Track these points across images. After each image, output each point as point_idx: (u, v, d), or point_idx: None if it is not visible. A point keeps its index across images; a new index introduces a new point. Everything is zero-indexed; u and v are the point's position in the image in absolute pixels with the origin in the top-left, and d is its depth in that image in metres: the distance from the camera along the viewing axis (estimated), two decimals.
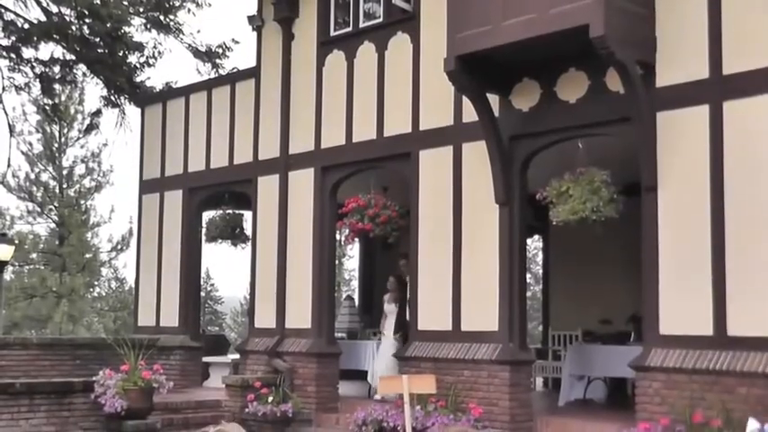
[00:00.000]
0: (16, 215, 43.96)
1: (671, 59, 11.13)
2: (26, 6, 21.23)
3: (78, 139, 43.75)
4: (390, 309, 15.56)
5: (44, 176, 43.97)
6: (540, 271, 27.82)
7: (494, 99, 12.58)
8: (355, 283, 34.58)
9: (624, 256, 15.76)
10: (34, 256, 44.16)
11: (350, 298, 20.99)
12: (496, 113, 12.54)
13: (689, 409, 10.16)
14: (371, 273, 21.15)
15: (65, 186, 44.35)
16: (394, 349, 14.81)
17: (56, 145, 43.86)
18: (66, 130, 43.48)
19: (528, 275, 14.13)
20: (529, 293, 12.74)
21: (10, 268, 35.95)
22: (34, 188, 43.83)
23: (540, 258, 29.56)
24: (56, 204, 44.06)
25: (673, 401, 10.50)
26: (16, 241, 32.11)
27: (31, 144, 43.18)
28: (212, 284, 52.20)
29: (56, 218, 44.26)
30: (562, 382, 15.01)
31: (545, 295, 20.95)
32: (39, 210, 44.16)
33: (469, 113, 12.80)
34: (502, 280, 12.52)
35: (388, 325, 15.40)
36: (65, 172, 44.13)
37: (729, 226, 10.48)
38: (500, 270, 12.54)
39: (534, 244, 25.78)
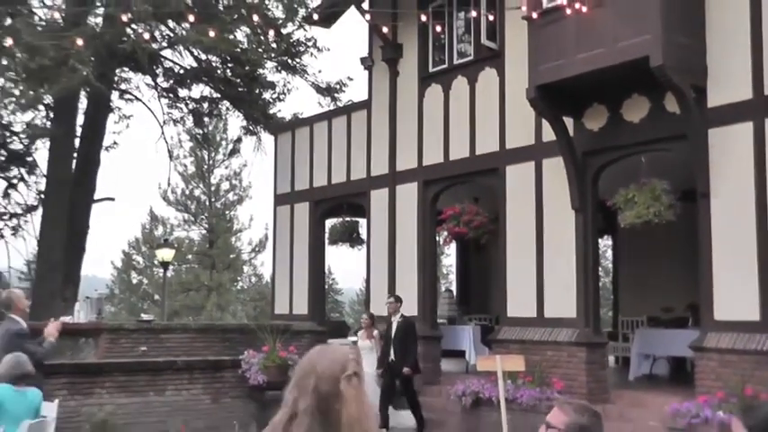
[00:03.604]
0: (175, 224, 45.35)
1: (720, 83, 10.93)
2: (181, 55, 21.87)
3: (223, 161, 44.82)
4: (364, 345, 13.20)
5: (197, 192, 45.16)
6: (610, 265, 27.32)
7: (568, 121, 12.50)
8: (452, 278, 34.52)
9: (682, 252, 15.47)
10: (190, 257, 45.30)
11: (448, 290, 20.98)
12: (571, 133, 12.45)
13: (741, 384, 9.93)
14: (467, 269, 21.11)
15: (213, 200, 45.40)
16: (372, 381, 12.47)
17: (205, 166, 44.92)
18: (213, 155, 44.51)
19: (599, 269, 13.95)
20: (600, 284, 12.53)
21: (171, 267, 36.85)
22: (189, 202, 45.03)
23: (609, 254, 29.00)
24: (206, 215, 45.14)
25: (726, 378, 10.27)
26: (176, 245, 33.06)
27: (185, 166, 44.51)
28: (333, 279, 52.45)
29: (206, 226, 45.32)
30: (631, 360, 14.77)
31: (614, 286, 20.64)
32: (193, 219, 45.32)
33: (548, 134, 12.73)
34: (578, 274, 12.42)
35: (367, 362, 12.12)
36: (213, 188, 45.18)
37: None
38: (576, 266, 12.45)
39: (604, 242, 25.27)
